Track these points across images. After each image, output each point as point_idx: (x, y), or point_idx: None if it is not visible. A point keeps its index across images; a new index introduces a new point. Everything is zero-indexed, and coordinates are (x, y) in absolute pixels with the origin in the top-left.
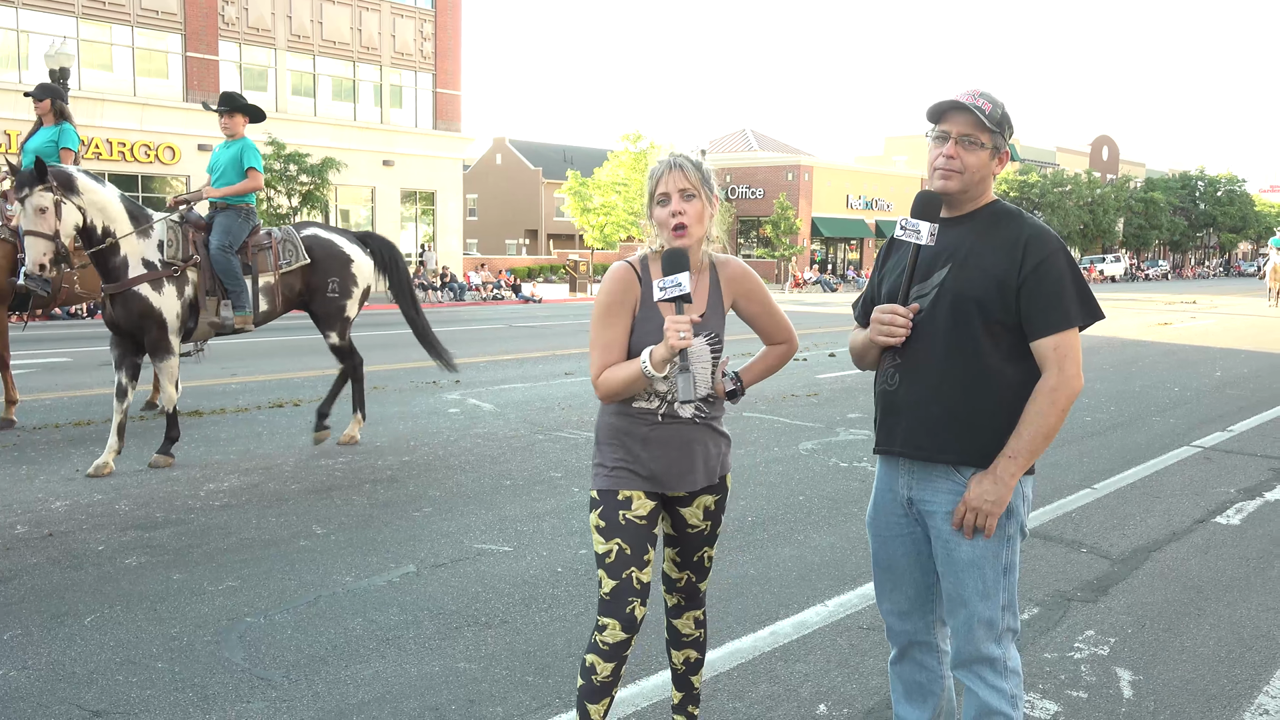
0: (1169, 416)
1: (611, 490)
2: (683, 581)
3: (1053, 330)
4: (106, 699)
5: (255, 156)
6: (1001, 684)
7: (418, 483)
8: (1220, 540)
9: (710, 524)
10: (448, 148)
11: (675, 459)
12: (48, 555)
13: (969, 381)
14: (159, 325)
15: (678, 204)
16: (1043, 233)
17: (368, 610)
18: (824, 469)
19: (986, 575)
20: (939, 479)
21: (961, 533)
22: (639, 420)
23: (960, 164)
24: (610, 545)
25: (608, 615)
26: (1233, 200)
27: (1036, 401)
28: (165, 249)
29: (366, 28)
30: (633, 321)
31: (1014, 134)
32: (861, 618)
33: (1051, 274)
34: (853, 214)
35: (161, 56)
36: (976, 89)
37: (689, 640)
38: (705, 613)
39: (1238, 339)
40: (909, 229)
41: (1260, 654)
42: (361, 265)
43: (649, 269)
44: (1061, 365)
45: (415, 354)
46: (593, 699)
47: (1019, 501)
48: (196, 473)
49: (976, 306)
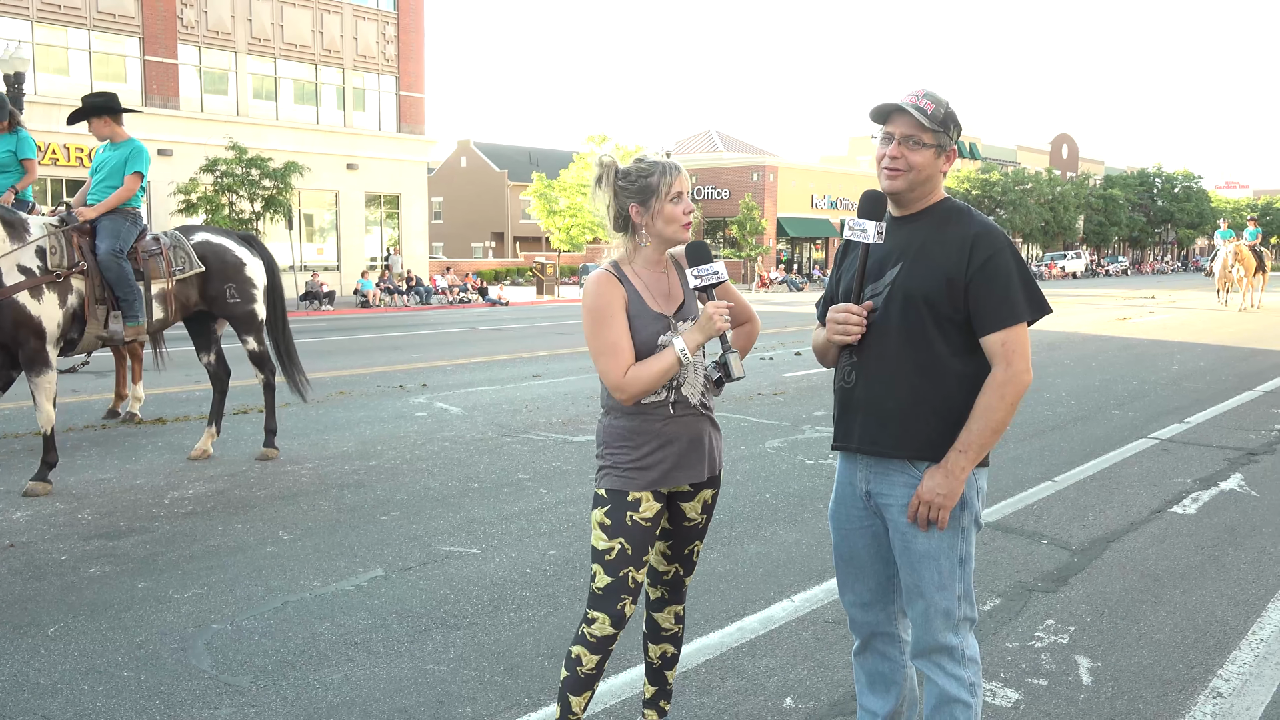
0: (1128, 409)
1: (622, 491)
2: (670, 574)
3: (1001, 326)
4: (71, 709)
5: (144, 162)
6: (960, 672)
7: (385, 487)
8: (1177, 530)
9: (706, 518)
10: (412, 151)
11: (687, 451)
12: (9, 566)
13: (921, 377)
14: (36, 336)
15: (688, 203)
16: (990, 230)
17: (336, 614)
18: (790, 466)
19: (942, 566)
20: (895, 473)
21: (917, 525)
22: (652, 417)
23: (905, 163)
24: (613, 544)
25: (598, 609)
26: (1189, 196)
27: (986, 395)
28: (48, 256)
29: (328, 30)
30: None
31: (961, 132)
32: (827, 612)
33: (999, 271)
34: (818, 214)
35: (119, 60)
36: (921, 90)
37: (667, 635)
38: (685, 609)
39: (1194, 333)
40: (856, 228)
41: (1214, 639)
42: (254, 268)
43: (623, 271)
44: (1010, 360)
45: (381, 358)
46: (576, 691)
47: (972, 494)
48: (161, 480)
49: (927, 304)
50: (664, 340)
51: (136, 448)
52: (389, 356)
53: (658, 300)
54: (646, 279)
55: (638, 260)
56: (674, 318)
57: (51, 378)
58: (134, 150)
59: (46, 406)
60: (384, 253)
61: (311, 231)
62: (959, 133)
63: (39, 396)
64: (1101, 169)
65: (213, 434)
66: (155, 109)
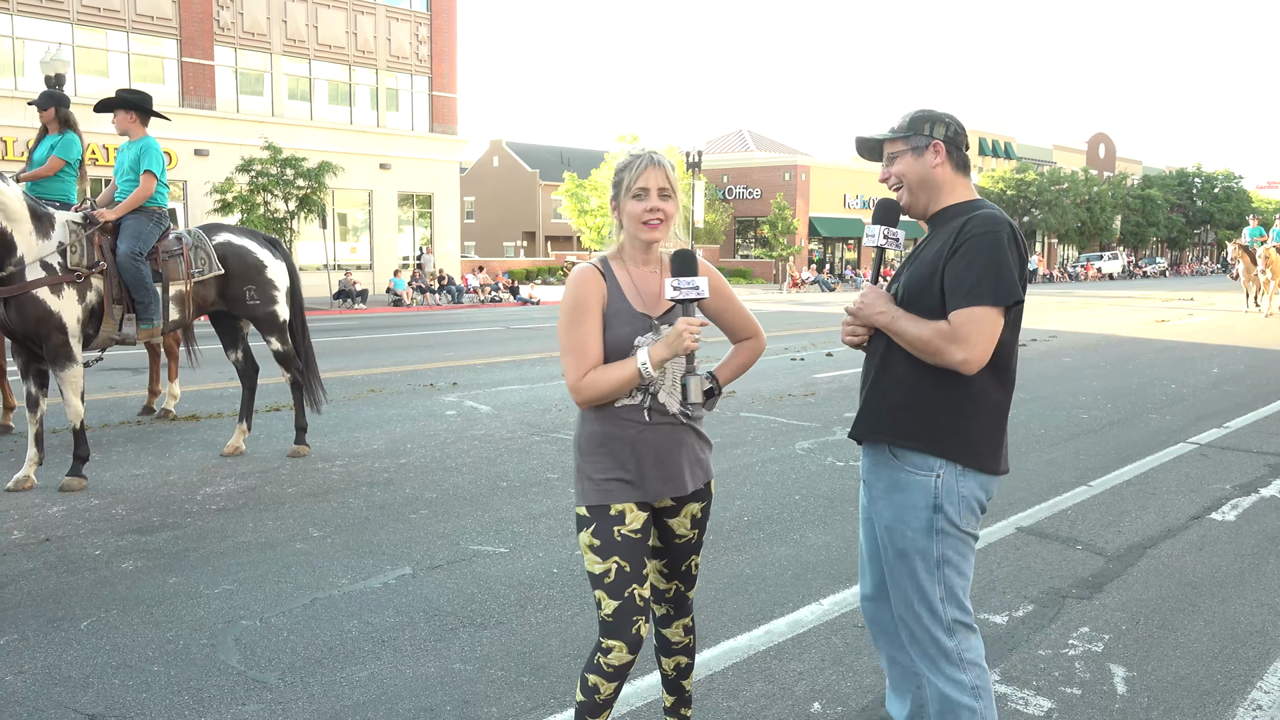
0: (1165, 413)
1: (603, 505)
2: (671, 592)
3: (954, 306)
4: (103, 702)
5: (155, 159)
6: (960, 676)
7: (414, 485)
8: (1215, 537)
9: (697, 532)
10: (444, 150)
11: (665, 462)
12: (44, 560)
13: (919, 368)
14: (59, 330)
15: (656, 201)
16: (982, 217)
17: (364, 612)
18: (820, 468)
19: (918, 566)
20: (882, 468)
21: (896, 523)
22: (626, 422)
23: (895, 178)
24: (608, 564)
25: (612, 638)
26: (1230, 197)
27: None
28: (68, 254)
29: (362, 31)
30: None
31: (946, 126)
32: (856, 616)
33: (970, 250)
34: (850, 213)
35: (157, 62)
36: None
37: (679, 647)
38: (693, 619)
39: (1234, 336)
40: (874, 235)
41: (1254, 650)
42: (275, 269)
43: (610, 266)
44: (961, 339)
45: (412, 357)
46: (593, 714)
47: (949, 499)
48: (193, 476)
49: (916, 299)
50: (639, 342)
51: (170, 444)
52: (420, 355)
53: (644, 299)
54: (636, 277)
55: (627, 256)
56: (660, 318)
57: (77, 372)
58: (144, 147)
59: (75, 401)
60: (416, 252)
61: (345, 231)
62: (942, 126)
63: (66, 391)
64: (1139, 168)
65: (244, 431)
66: (192, 110)
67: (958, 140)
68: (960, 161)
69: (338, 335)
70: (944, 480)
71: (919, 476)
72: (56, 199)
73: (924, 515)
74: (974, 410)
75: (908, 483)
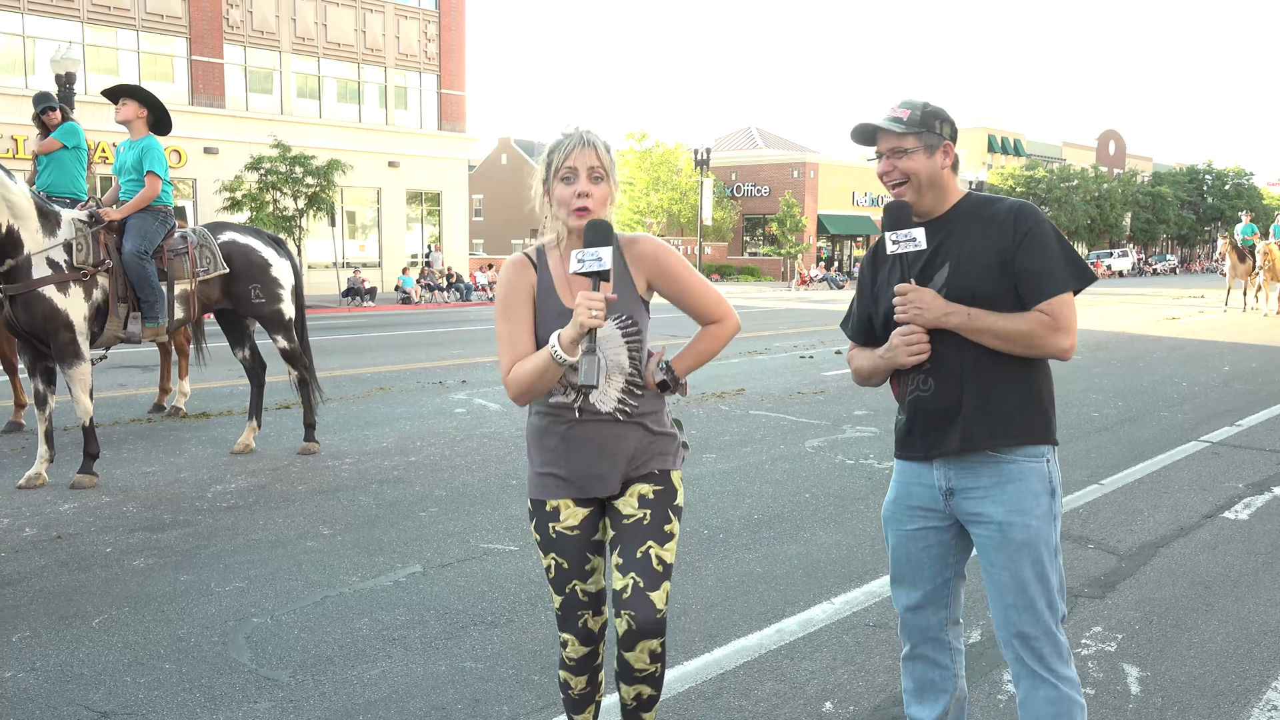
0: (1177, 411)
1: (540, 500)
2: (628, 591)
3: (1044, 296)
4: (114, 700)
5: (156, 159)
6: (1069, 673)
7: (424, 483)
8: (1229, 535)
9: (650, 513)
10: (453, 148)
11: (593, 460)
12: (56, 558)
13: (999, 368)
14: (65, 328)
15: (585, 184)
16: (1026, 206)
17: (374, 610)
18: (830, 466)
19: (1042, 556)
20: (980, 466)
21: (1015, 515)
22: (556, 418)
23: (899, 174)
24: (548, 560)
25: (564, 630)
26: (1241, 194)
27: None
28: (74, 252)
29: (371, 29)
30: (534, 313)
31: (952, 125)
32: (868, 615)
33: (1038, 241)
34: (859, 211)
35: (167, 60)
36: (899, 101)
37: (641, 676)
38: (664, 645)
39: (1246, 333)
40: (904, 240)
41: (1269, 649)
42: (280, 268)
43: (544, 257)
44: (1068, 324)
45: (421, 354)
46: (575, 710)
47: (1057, 481)
48: (204, 474)
49: (985, 297)
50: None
51: (180, 441)
52: (429, 353)
53: (575, 292)
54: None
55: (565, 246)
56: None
57: (86, 370)
58: (145, 148)
59: (83, 399)
60: (425, 249)
61: (354, 228)
62: (949, 126)
63: (75, 389)
64: (1150, 165)
65: (254, 428)
66: (201, 108)
67: (955, 139)
68: (956, 161)
69: (347, 333)
70: (1052, 463)
71: (1033, 464)
72: (66, 194)
73: (1044, 502)
74: (1049, 391)
75: (1021, 472)
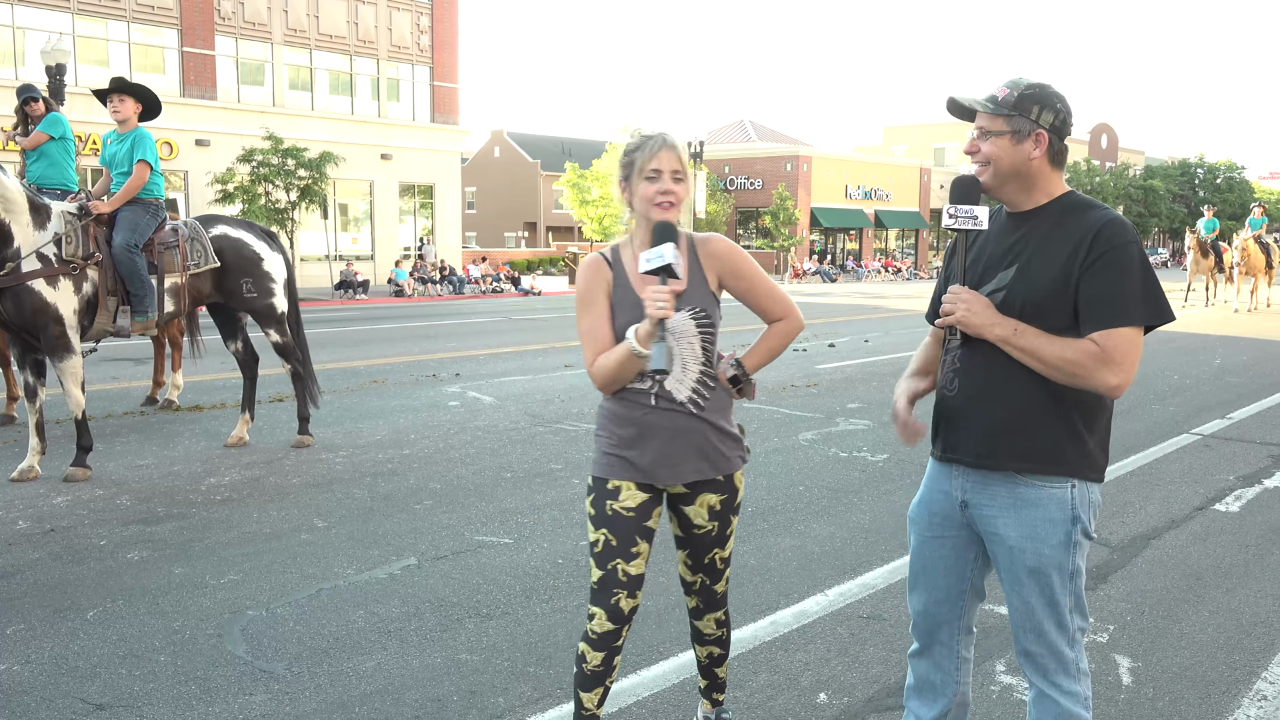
0: (1168, 404)
1: (602, 478)
2: (697, 584)
3: (1104, 325)
4: (109, 692)
5: (150, 149)
6: (1076, 688)
7: (418, 475)
8: (1219, 527)
9: (717, 525)
10: (445, 141)
11: (667, 448)
12: (50, 550)
13: (1032, 388)
14: (55, 322)
15: (669, 183)
16: (1117, 221)
17: (369, 603)
18: (824, 459)
19: (1054, 582)
20: (997, 485)
21: (1027, 541)
22: (633, 404)
23: (982, 155)
24: (598, 535)
25: (595, 604)
26: (1232, 187)
27: (1083, 345)
28: (64, 245)
29: (363, 21)
30: (611, 308)
31: (1057, 114)
32: (861, 607)
33: (1115, 263)
34: (852, 204)
35: (158, 52)
36: (1006, 79)
37: (711, 639)
38: (727, 613)
39: (1237, 326)
40: (963, 215)
41: (1259, 640)
42: (272, 262)
43: (619, 255)
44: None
45: (414, 347)
46: (585, 687)
47: (1083, 509)
48: (198, 467)
49: (1040, 311)
50: (632, 327)
51: (174, 434)
52: (422, 346)
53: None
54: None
55: (637, 241)
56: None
57: (76, 363)
58: (137, 137)
59: (75, 391)
60: (418, 242)
61: (346, 221)
62: (1051, 114)
63: (66, 382)
64: (1142, 159)
65: (247, 421)
66: (193, 100)
67: (1063, 131)
68: (1058, 154)
69: (339, 326)
70: (1078, 491)
71: (1054, 490)
72: (56, 186)
73: (1062, 529)
74: (1094, 422)
75: (1040, 498)
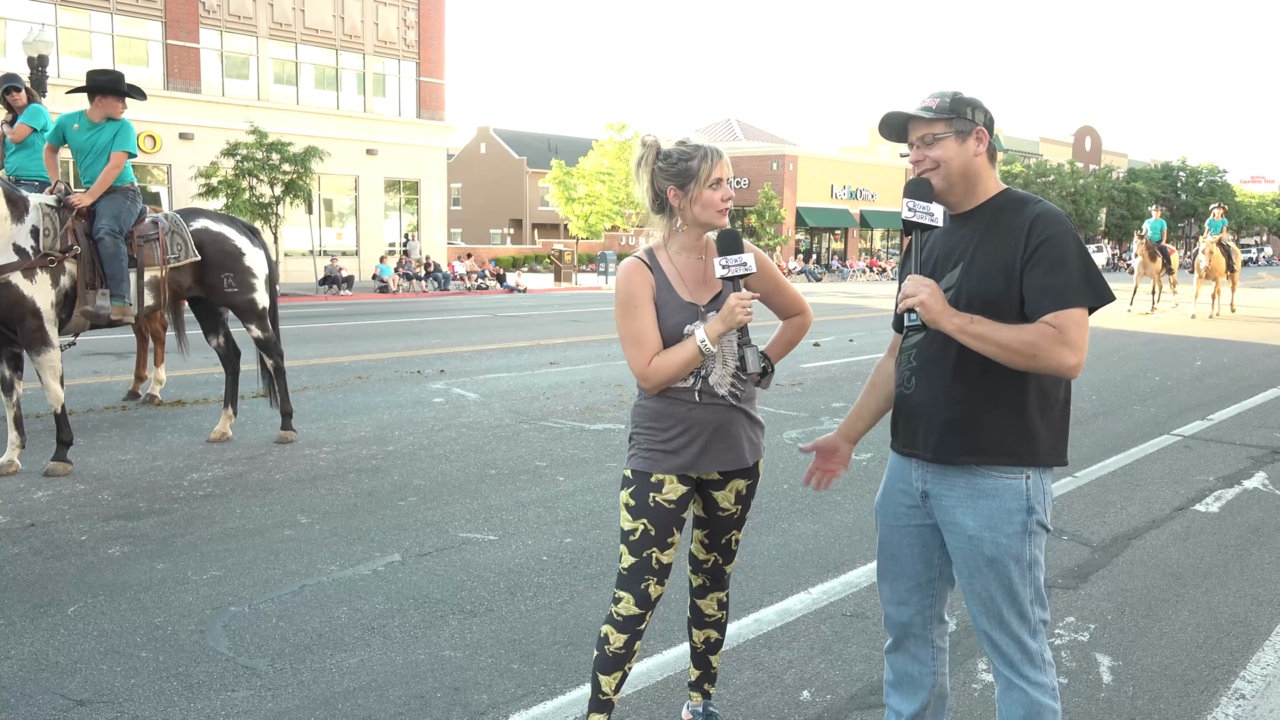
0: (1150, 405)
1: (645, 472)
2: (709, 563)
3: (1051, 309)
4: (90, 688)
5: (129, 139)
6: (1043, 679)
7: (402, 472)
8: (1199, 528)
9: (740, 509)
10: (431, 137)
11: (715, 438)
12: (30, 545)
13: (985, 383)
14: (33, 315)
15: (728, 190)
16: (1050, 213)
17: (353, 599)
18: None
19: (1011, 572)
20: (955, 476)
21: (985, 530)
22: (678, 401)
23: (931, 160)
24: (636, 524)
25: (623, 589)
26: (1214, 191)
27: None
28: (41, 237)
29: (349, 15)
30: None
31: (986, 113)
32: (845, 605)
33: (1053, 251)
34: (837, 204)
35: (141, 44)
36: (929, 92)
37: (711, 621)
38: (729, 595)
39: (1218, 329)
40: (919, 210)
41: (1237, 640)
42: (254, 257)
43: (655, 257)
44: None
45: (399, 344)
46: (605, 670)
47: (1038, 499)
48: (180, 462)
49: (988, 306)
50: (689, 330)
51: (156, 429)
52: (407, 342)
53: (689, 287)
54: (681, 265)
55: (673, 245)
56: (706, 306)
57: (55, 356)
58: (123, 127)
59: (54, 386)
60: (403, 238)
61: (331, 216)
62: (982, 113)
63: (45, 376)
64: (1125, 162)
65: (230, 416)
66: (177, 93)
67: (991, 127)
68: (993, 151)
69: (323, 321)
70: (1033, 481)
71: (1009, 480)
72: (34, 178)
73: (1018, 519)
74: (1048, 410)
75: (995, 488)
